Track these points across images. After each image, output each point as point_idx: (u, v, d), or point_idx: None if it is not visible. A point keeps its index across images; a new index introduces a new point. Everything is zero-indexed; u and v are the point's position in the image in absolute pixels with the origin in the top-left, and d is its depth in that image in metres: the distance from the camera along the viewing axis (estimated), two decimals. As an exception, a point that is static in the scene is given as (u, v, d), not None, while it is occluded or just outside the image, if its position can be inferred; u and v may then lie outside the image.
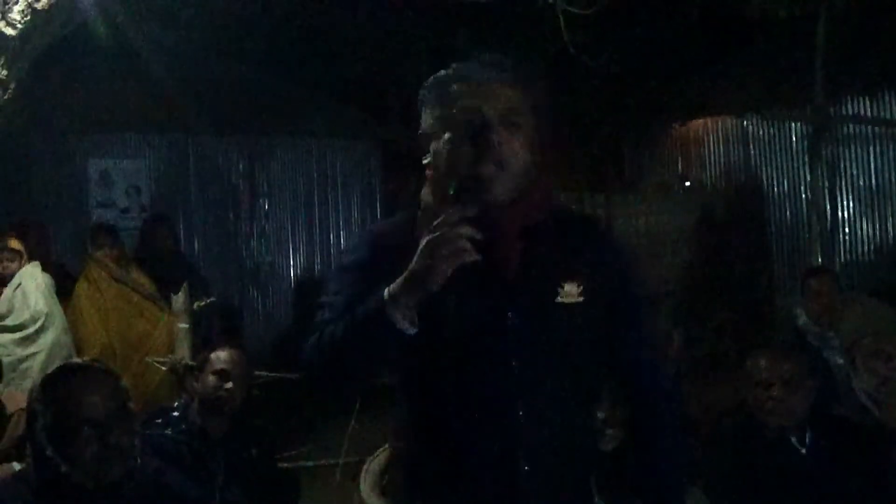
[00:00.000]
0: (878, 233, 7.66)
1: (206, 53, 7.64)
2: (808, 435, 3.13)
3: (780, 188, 8.28)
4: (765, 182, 8.37)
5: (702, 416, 4.40)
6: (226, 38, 7.59)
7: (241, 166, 8.94)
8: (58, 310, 5.26)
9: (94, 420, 2.28)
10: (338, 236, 9.31)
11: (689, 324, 7.66)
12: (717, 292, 7.95)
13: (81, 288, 5.55)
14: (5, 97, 3.71)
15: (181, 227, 8.19)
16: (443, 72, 1.87)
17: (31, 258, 5.30)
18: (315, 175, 9.24)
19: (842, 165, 7.81)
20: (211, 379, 3.50)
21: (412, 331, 1.66)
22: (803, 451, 3.11)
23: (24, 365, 4.95)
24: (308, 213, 9.21)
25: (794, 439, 3.13)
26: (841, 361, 4.31)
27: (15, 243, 5.26)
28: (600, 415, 2.86)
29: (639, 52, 7.05)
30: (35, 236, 5.67)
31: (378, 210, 9.46)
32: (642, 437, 1.99)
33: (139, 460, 2.37)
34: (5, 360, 4.81)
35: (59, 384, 2.34)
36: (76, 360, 2.64)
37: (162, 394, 5.13)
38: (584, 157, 9.14)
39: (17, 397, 3.62)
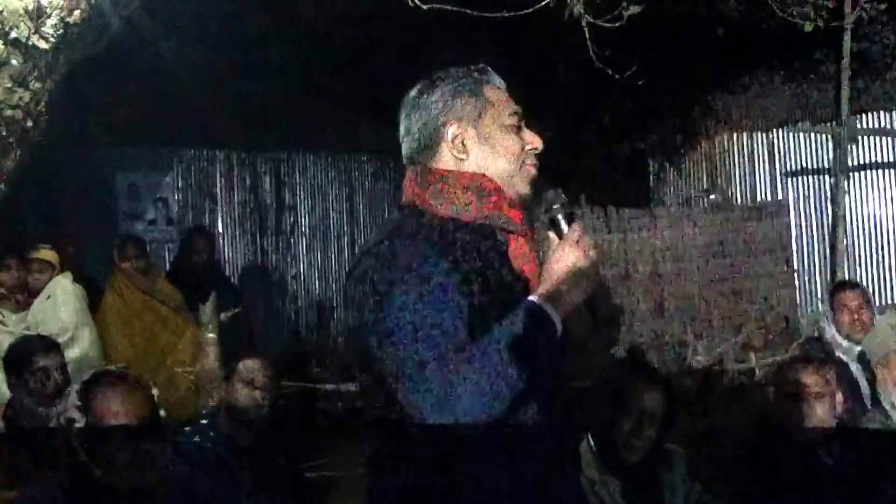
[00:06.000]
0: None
1: (233, 69, 7.71)
2: (835, 448, 3.12)
3: (806, 202, 8.24)
4: (790, 195, 8.33)
5: (727, 428, 4.38)
6: (252, 54, 7.67)
7: (266, 179, 9.02)
8: (88, 322, 5.25)
9: (126, 427, 2.32)
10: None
11: (714, 338, 7.64)
12: (743, 306, 7.91)
13: (108, 299, 5.56)
14: (38, 109, 3.76)
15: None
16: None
17: (63, 270, 5.31)
18: (340, 188, 9.32)
19: (868, 179, 7.77)
20: (238, 388, 3.53)
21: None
22: (831, 463, 3.10)
23: (53, 376, 4.95)
24: (333, 225, 9.28)
25: (822, 452, 3.11)
26: (869, 375, 4.28)
27: (46, 254, 5.27)
28: (626, 426, 2.87)
29: (664, 66, 7.04)
30: (71, 250, 5.71)
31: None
32: None
33: (170, 467, 2.40)
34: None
35: (92, 391, 2.38)
36: (109, 367, 2.67)
37: (185, 405, 5.15)
38: (609, 172, 9.13)
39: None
